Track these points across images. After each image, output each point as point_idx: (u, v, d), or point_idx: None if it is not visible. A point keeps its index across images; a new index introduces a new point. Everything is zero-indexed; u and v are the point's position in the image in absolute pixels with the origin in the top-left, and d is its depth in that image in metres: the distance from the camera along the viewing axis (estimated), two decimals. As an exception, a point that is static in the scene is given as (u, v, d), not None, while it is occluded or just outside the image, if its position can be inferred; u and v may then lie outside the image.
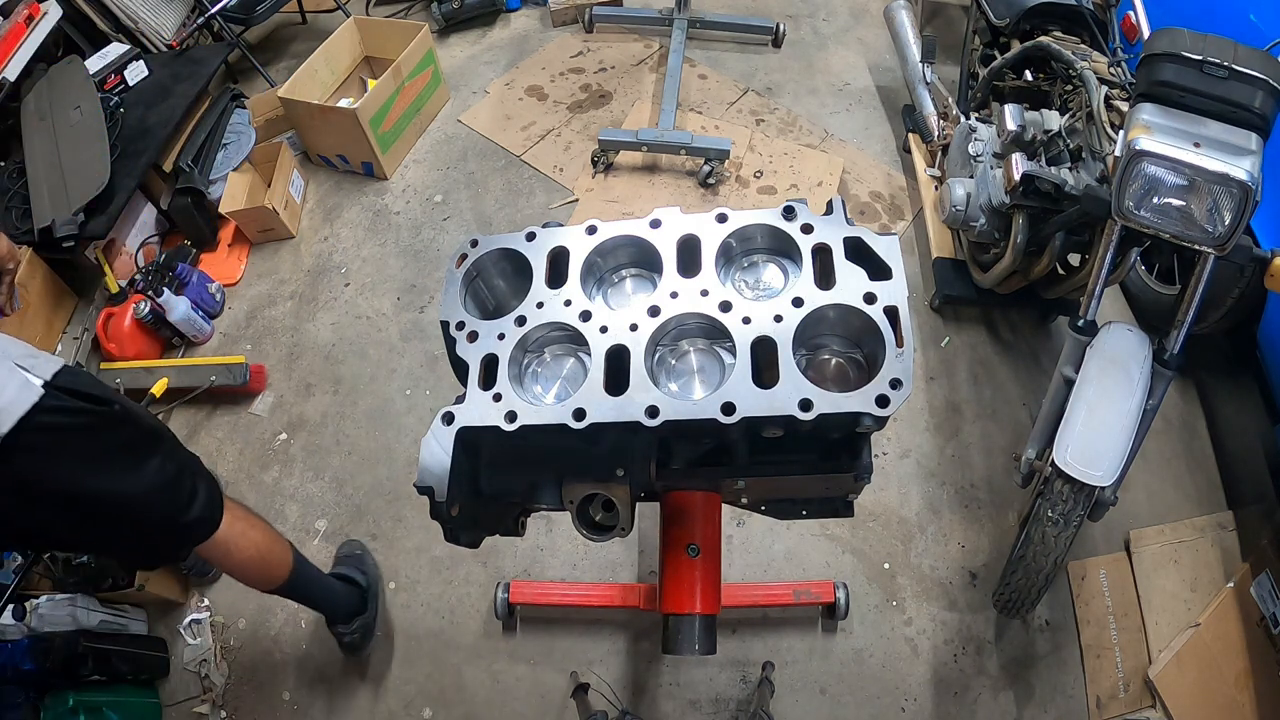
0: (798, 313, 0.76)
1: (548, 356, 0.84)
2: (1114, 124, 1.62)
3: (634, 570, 1.89)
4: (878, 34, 3.13)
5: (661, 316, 0.79)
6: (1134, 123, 1.38)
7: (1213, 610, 1.75)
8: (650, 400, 0.72)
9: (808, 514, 0.95)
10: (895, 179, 2.68)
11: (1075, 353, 1.54)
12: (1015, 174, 1.70)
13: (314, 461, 2.12)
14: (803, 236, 0.81)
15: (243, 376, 2.17)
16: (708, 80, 3.04)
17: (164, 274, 2.33)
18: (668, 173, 2.70)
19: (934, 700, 1.71)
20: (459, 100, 3.04)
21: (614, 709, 1.56)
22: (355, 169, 2.79)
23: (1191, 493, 1.99)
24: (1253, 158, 1.30)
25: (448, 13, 3.26)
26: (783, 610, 1.80)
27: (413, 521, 1.98)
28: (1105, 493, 1.42)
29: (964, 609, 1.82)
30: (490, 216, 2.63)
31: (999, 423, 2.09)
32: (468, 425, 0.76)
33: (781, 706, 1.69)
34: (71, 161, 2.24)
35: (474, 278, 0.89)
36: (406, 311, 2.41)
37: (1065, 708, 1.70)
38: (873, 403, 0.69)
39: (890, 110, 2.89)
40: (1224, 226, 1.34)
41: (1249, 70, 1.31)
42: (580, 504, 0.82)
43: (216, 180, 2.56)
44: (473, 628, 1.83)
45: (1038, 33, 2.04)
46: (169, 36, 2.90)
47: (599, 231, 0.86)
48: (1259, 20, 1.83)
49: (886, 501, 1.96)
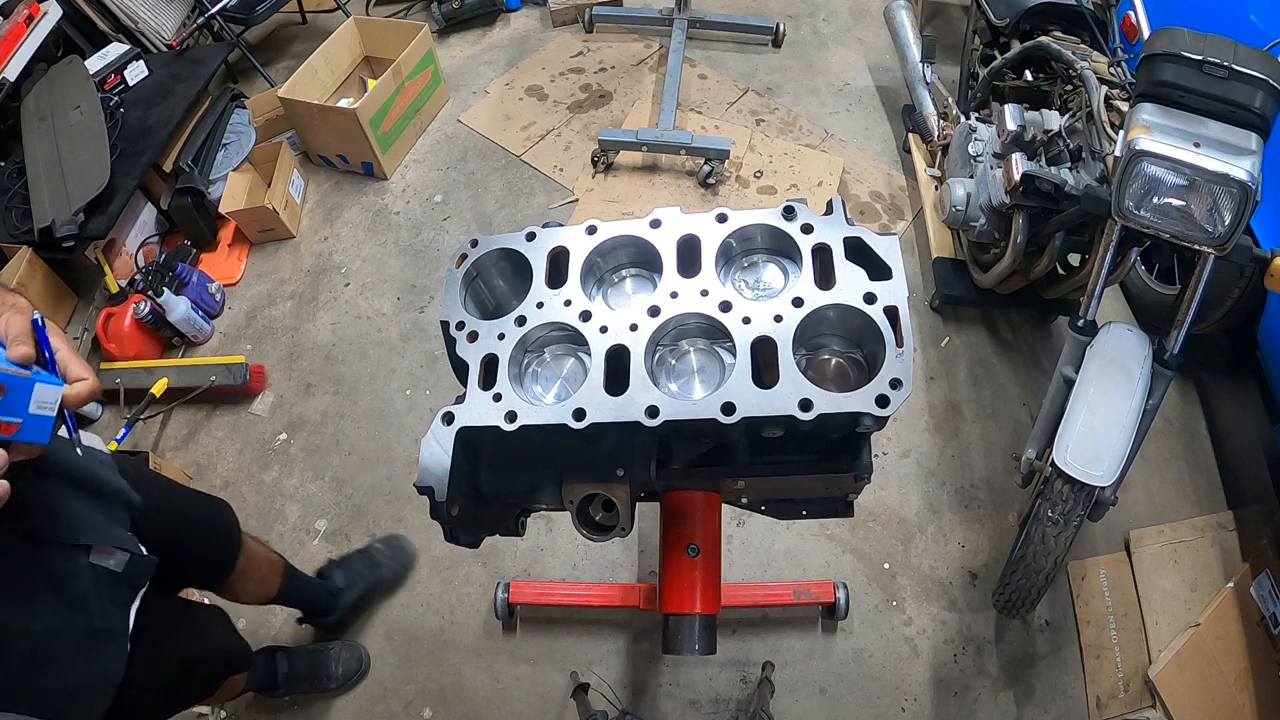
0: (798, 313, 0.76)
1: (548, 356, 0.84)
2: (1114, 124, 1.62)
3: (634, 570, 1.89)
4: (878, 34, 3.13)
5: (661, 316, 0.79)
6: (1134, 123, 1.38)
7: (1213, 610, 1.75)
8: (650, 400, 0.72)
9: (808, 514, 0.95)
10: (895, 179, 2.68)
11: (1075, 353, 1.54)
12: (1015, 174, 1.70)
13: (314, 461, 2.12)
14: (803, 236, 0.81)
15: (243, 376, 2.17)
16: (708, 80, 3.04)
17: (164, 274, 2.33)
18: (668, 173, 2.70)
19: (934, 700, 1.71)
20: (459, 100, 3.04)
21: (614, 709, 1.56)
22: (355, 169, 2.79)
23: (1191, 493, 1.99)
24: (1253, 158, 1.30)
25: (448, 13, 3.26)
26: (783, 610, 1.80)
27: (413, 521, 1.98)
28: (1105, 493, 1.42)
29: (964, 609, 1.82)
30: (490, 216, 2.63)
31: (999, 423, 2.09)
32: (468, 425, 0.76)
33: (781, 706, 1.69)
34: (71, 161, 2.24)
35: (474, 278, 0.89)
36: (406, 311, 2.41)
37: (1065, 708, 1.70)
38: (873, 403, 0.69)
39: (890, 110, 2.89)
40: (1224, 226, 1.33)
41: (1249, 70, 1.31)
42: (580, 504, 0.82)
43: (216, 180, 2.56)
44: (473, 628, 1.83)
45: (1038, 33, 2.04)
46: (169, 36, 2.90)
47: (599, 231, 0.85)
48: (1259, 20, 1.83)
49: (886, 501, 1.96)
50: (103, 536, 0.96)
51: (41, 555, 0.89)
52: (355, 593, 1.78)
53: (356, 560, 1.83)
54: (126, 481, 1.05)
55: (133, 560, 0.98)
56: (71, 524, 0.92)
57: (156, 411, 2.20)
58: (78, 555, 0.93)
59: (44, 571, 0.89)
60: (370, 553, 1.86)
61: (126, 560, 0.97)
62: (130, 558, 0.98)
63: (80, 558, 0.93)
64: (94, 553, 0.94)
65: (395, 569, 1.88)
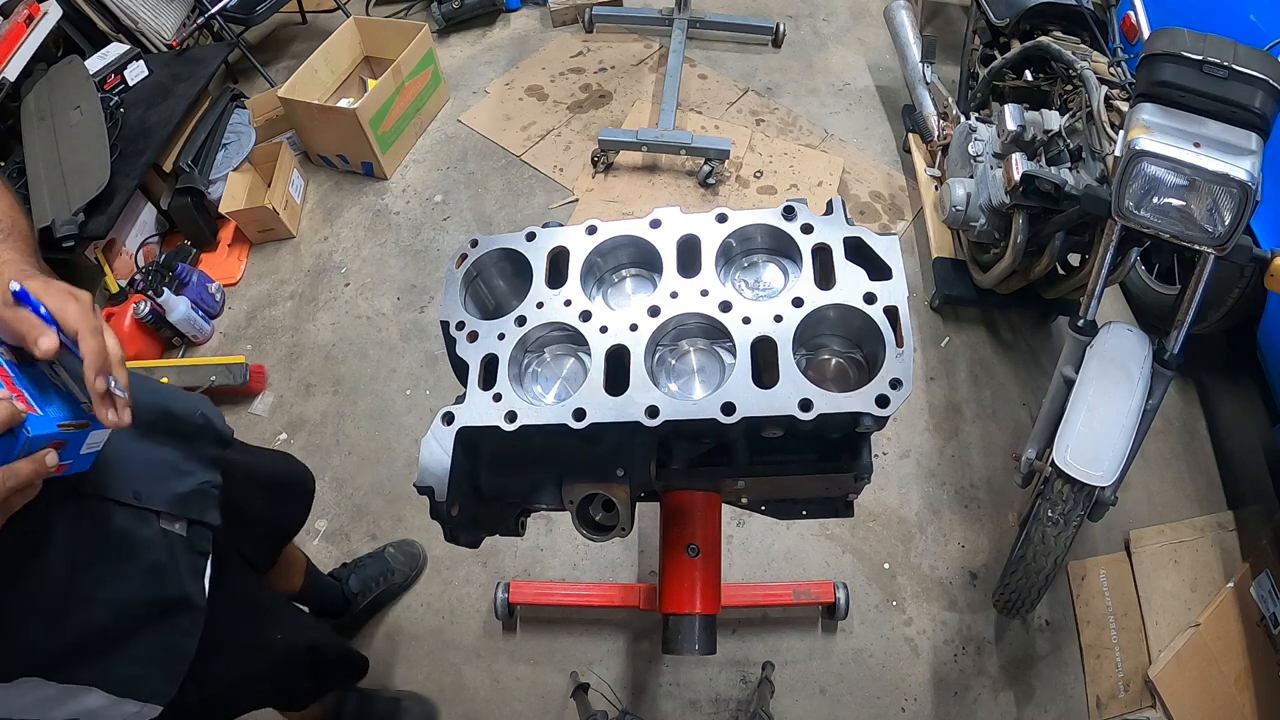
0: (798, 313, 0.76)
1: (548, 356, 0.84)
2: (1114, 124, 1.62)
3: (634, 570, 1.89)
4: (878, 34, 3.13)
5: (661, 316, 0.79)
6: (1134, 123, 1.38)
7: (1213, 610, 1.75)
8: (650, 400, 0.72)
9: (808, 514, 0.95)
10: (895, 179, 2.68)
11: (1075, 353, 1.54)
12: (1015, 174, 1.70)
13: (314, 461, 2.12)
14: (803, 236, 0.81)
15: (243, 376, 2.17)
16: (708, 80, 3.04)
17: (164, 274, 2.33)
18: (668, 173, 2.70)
19: (934, 700, 1.71)
20: (459, 100, 3.04)
21: (614, 709, 1.56)
22: (355, 169, 2.79)
23: (1191, 493, 1.99)
24: (1253, 158, 1.30)
25: (448, 13, 3.26)
26: (783, 610, 1.80)
27: (413, 521, 1.98)
28: (1105, 493, 1.42)
29: (964, 609, 1.82)
30: (490, 216, 2.63)
31: (999, 423, 2.09)
32: (468, 425, 0.76)
33: (781, 706, 1.69)
34: (71, 161, 2.24)
35: (474, 278, 0.89)
36: (406, 311, 2.41)
37: (1065, 708, 1.70)
38: (873, 403, 0.69)
39: (890, 110, 2.89)
40: (1224, 226, 1.33)
41: (1249, 70, 1.31)
42: (580, 504, 0.82)
43: (216, 180, 2.56)
44: (473, 628, 1.83)
45: (1038, 33, 2.04)
46: (169, 36, 2.90)
47: (599, 231, 0.85)
48: (1259, 20, 1.83)
49: (886, 501, 1.96)
50: (175, 484, 0.90)
51: (114, 516, 0.83)
52: (369, 598, 1.79)
53: (370, 564, 1.83)
54: (213, 414, 0.99)
55: (193, 526, 0.92)
56: (144, 481, 0.86)
57: (156, 411, 2.20)
58: (148, 516, 0.87)
59: (115, 534, 0.83)
60: (384, 557, 1.86)
61: (188, 524, 0.91)
62: (189, 523, 0.91)
63: (152, 520, 0.87)
64: (162, 517, 0.88)
65: (406, 574, 1.88)
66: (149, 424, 0.91)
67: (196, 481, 0.95)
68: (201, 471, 0.97)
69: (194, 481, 0.95)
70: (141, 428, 0.84)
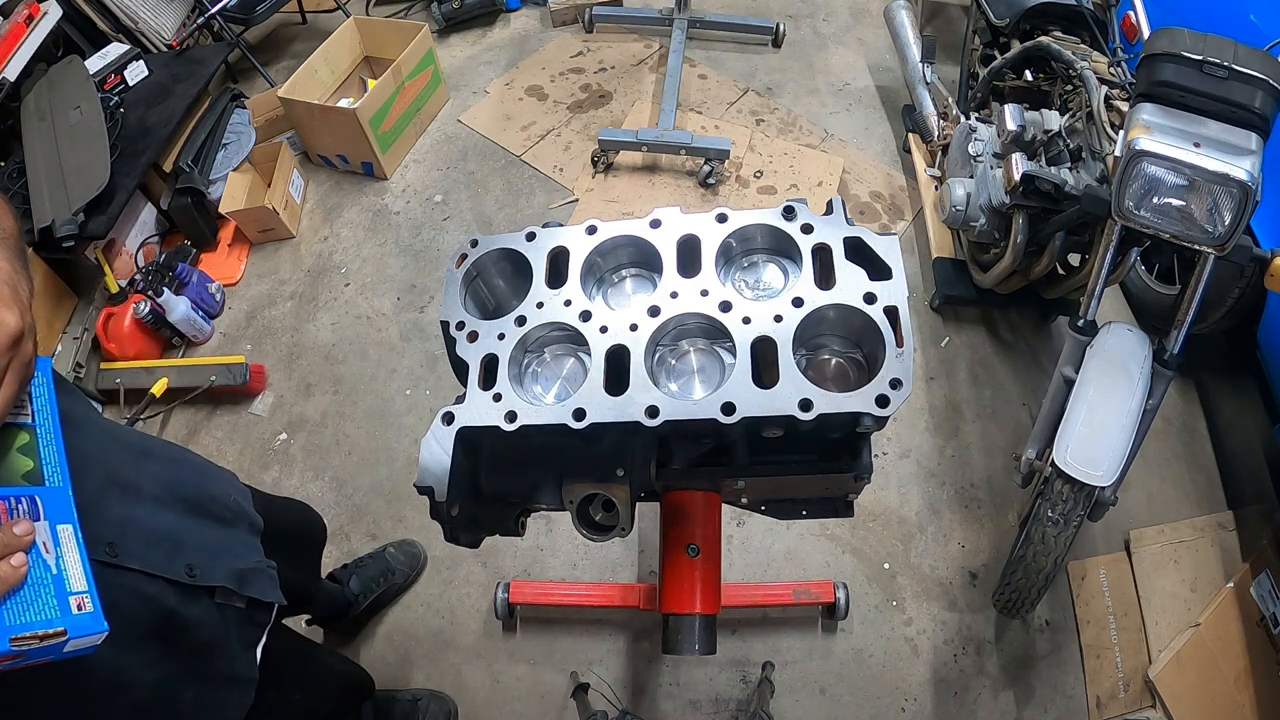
0: (798, 313, 0.76)
1: (548, 356, 0.84)
2: (1114, 124, 1.62)
3: (634, 570, 1.89)
4: (878, 34, 3.13)
5: (661, 316, 0.79)
6: (1134, 123, 1.38)
7: (1213, 610, 1.75)
8: (650, 400, 0.72)
9: (808, 514, 0.95)
10: (895, 179, 2.68)
11: (1075, 353, 1.54)
12: (1015, 174, 1.70)
13: (314, 461, 2.12)
14: (803, 236, 0.81)
15: (243, 376, 2.17)
16: (708, 80, 3.04)
17: (164, 274, 2.33)
18: (668, 173, 2.70)
19: (934, 700, 1.71)
20: (459, 100, 3.04)
21: (614, 709, 1.56)
22: (355, 169, 2.79)
23: (1191, 493, 1.99)
24: (1253, 158, 1.30)
25: (448, 13, 3.26)
26: (783, 610, 1.80)
27: (413, 521, 1.98)
28: (1105, 493, 1.42)
29: (964, 609, 1.82)
30: (490, 216, 2.63)
31: (999, 423, 2.09)
32: (468, 425, 0.76)
33: (781, 706, 1.69)
34: (71, 161, 2.24)
35: (474, 278, 0.88)
36: (406, 311, 2.41)
37: (1065, 708, 1.70)
38: (873, 403, 0.69)
39: (890, 110, 2.89)
40: (1224, 226, 1.33)
41: (1249, 70, 1.31)
42: (580, 504, 0.82)
43: (216, 180, 2.56)
44: (473, 628, 1.83)
45: (1038, 33, 2.04)
46: (169, 36, 2.90)
47: (599, 231, 0.85)
48: (1259, 20, 1.83)
49: (886, 501, 1.96)
50: (232, 561, 0.88)
51: (160, 594, 0.77)
52: (370, 599, 1.79)
53: (370, 565, 1.83)
54: (243, 496, 0.97)
55: (252, 603, 0.89)
56: (194, 557, 0.82)
57: (156, 411, 2.20)
58: (199, 593, 0.83)
59: (162, 611, 0.77)
60: (384, 557, 1.86)
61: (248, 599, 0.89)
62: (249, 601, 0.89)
63: (203, 596, 0.83)
64: (218, 592, 0.85)
65: (407, 574, 1.88)
66: (194, 505, 0.88)
67: (254, 559, 0.94)
68: (251, 552, 0.95)
69: (251, 559, 0.94)
70: (187, 505, 0.85)
